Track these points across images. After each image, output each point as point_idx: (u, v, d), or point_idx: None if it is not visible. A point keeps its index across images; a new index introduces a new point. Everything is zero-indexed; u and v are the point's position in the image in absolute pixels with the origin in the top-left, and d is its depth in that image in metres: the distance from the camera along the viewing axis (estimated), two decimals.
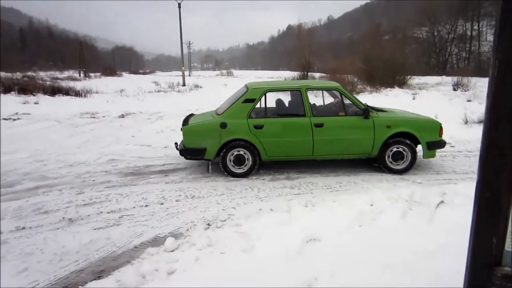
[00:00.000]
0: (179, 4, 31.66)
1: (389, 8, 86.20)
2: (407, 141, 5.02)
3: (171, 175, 5.28)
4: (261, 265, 2.70)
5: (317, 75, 30.10)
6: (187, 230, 3.55)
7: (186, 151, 5.14)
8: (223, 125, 4.98)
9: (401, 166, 5.12)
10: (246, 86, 5.49)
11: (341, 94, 5.15)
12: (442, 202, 3.39)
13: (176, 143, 5.52)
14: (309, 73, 31.45)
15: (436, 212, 3.26)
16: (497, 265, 1.16)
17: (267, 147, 5.01)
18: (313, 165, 5.54)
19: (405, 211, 3.36)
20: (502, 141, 1.07)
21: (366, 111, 4.96)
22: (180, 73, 32.01)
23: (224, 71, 63.91)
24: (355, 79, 19.47)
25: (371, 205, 3.58)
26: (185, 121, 5.44)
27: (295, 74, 30.51)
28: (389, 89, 17.58)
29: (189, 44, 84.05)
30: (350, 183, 4.78)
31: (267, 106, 5.23)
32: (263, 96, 5.10)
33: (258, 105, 5.14)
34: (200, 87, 25.09)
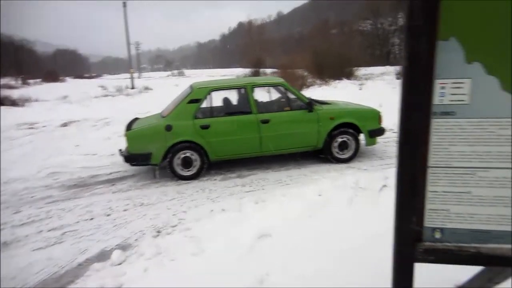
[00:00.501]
0: (124, 3, 30.54)
1: (336, 2, 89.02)
2: (351, 131, 5.20)
3: (118, 183, 5.06)
4: (212, 267, 2.65)
5: (268, 71, 30.35)
6: (136, 240, 3.41)
7: (130, 157, 4.95)
8: (168, 128, 4.84)
9: (346, 155, 5.29)
10: (191, 86, 5.39)
11: (285, 89, 5.22)
12: (385, 186, 3.52)
13: (120, 150, 5.29)
14: (261, 69, 31.67)
15: (380, 196, 3.38)
16: (419, 241, 1.20)
17: (215, 147, 4.96)
18: (264, 161, 5.55)
19: (351, 198, 3.45)
20: (414, 127, 1.10)
21: (310, 105, 5.08)
22: (129, 75, 30.91)
23: (176, 71, 62.60)
24: (305, 73, 19.86)
25: (320, 195, 3.64)
26: (129, 126, 5.24)
27: (247, 71, 30.59)
28: (337, 81, 18.13)
29: (138, 45, 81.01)
30: (300, 176, 4.85)
31: (214, 105, 5.17)
32: (208, 96, 5.04)
33: (204, 105, 5.07)
34: (151, 89, 24.41)
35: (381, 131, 5.40)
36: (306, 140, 5.17)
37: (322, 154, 5.38)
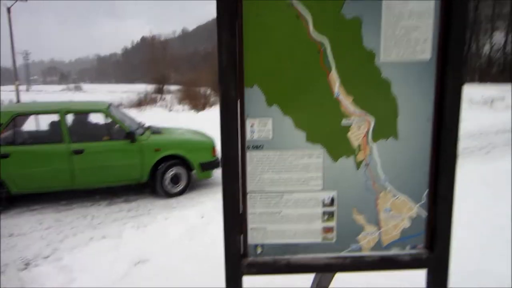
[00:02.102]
0: (9, 8, 27.31)
1: None
2: (181, 162, 4.97)
3: None
4: None
5: (173, 87, 30.04)
6: None
7: None
8: None
9: (178, 188, 4.99)
10: None
11: (106, 116, 4.85)
12: None
13: None
14: (165, 86, 31.15)
15: None
16: (245, 256, 1.38)
17: (16, 178, 4.46)
18: None
19: None
20: (233, 159, 1.28)
21: (130, 135, 4.73)
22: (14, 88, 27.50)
23: (72, 85, 57.97)
24: (209, 91, 20.15)
25: (202, 217, 3.76)
26: None
27: (151, 87, 29.84)
28: None
29: (26, 54, 72.61)
30: (187, 199, 4.87)
31: (21, 131, 4.74)
32: (11, 121, 4.50)
33: (7, 131, 4.54)
34: None
35: (215, 164, 5.11)
36: (127, 173, 4.81)
37: (148, 188, 5.13)
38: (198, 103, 18.12)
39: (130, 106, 19.44)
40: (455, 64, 1.21)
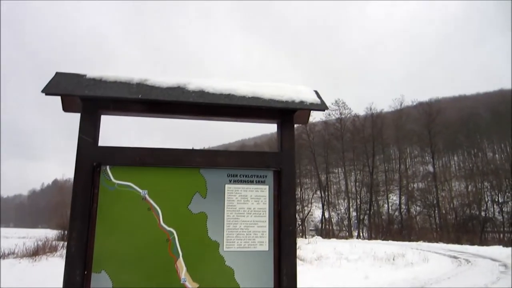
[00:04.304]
0: None
1: None
2: None
3: None
4: None
5: None
6: None
7: None
8: None
9: None
10: None
11: None
12: None
13: None
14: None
15: None
16: None
17: None
18: None
19: None
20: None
21: None
22: None
23: None
24: None
25: None
26: None
27: (55, 233, 26.90)
28: None
29: None
30: None
31: None
32: None
33: None
34: None
35: None
36: None
37: None
38: None
39: (23, 256, 16.91)
40: (289, 254, 1.40)
